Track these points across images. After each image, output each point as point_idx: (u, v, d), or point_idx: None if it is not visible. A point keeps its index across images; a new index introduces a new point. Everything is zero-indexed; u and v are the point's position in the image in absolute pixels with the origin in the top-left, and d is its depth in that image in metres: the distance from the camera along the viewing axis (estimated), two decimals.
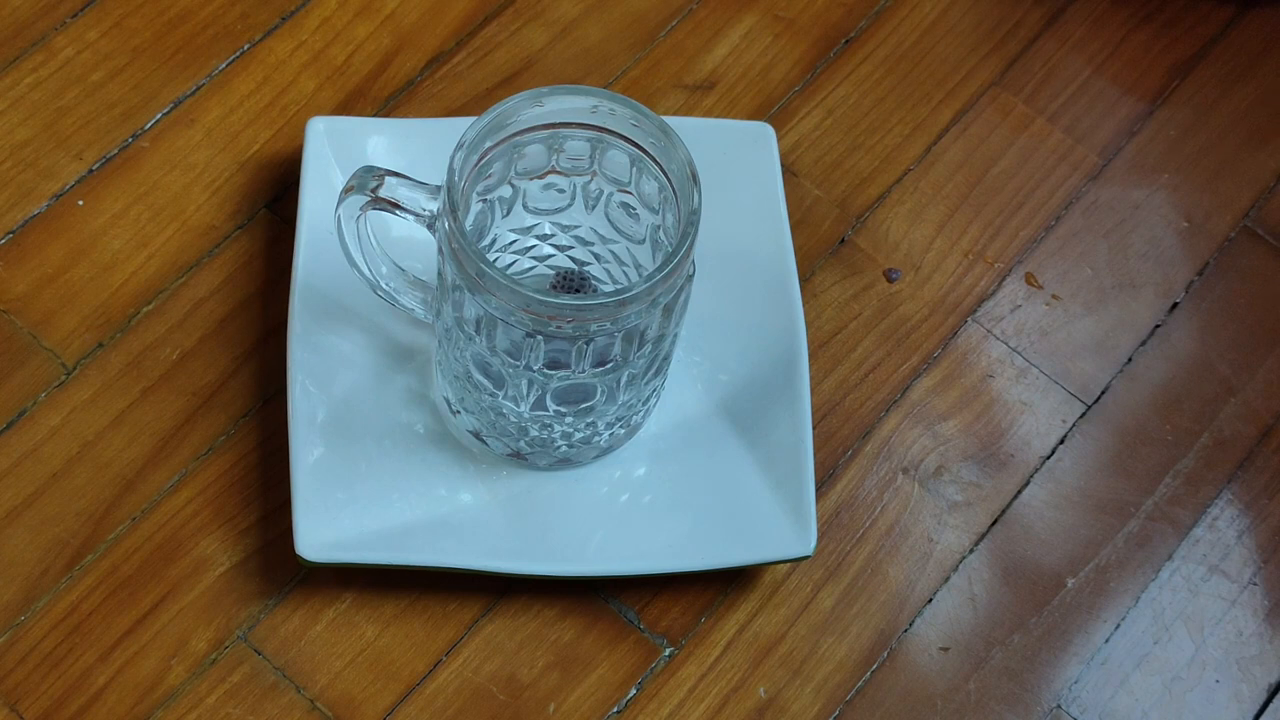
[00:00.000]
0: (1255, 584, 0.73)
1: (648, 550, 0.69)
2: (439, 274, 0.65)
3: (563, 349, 0.64)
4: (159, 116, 0.78)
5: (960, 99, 0.82)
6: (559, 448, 0.69)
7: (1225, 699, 0.71)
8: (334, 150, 0.74)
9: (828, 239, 0.78)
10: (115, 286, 0.74)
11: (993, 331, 0.77)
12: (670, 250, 0.63)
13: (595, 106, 0.65)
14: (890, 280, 0.78)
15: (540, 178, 0.68)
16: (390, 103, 0.79)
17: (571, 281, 0.70)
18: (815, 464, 0.71)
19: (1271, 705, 0.71)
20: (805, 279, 0.77)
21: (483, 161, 0.65)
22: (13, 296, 0.74)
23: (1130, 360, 0.77)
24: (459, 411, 0.70)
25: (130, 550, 0.70)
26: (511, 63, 0.81)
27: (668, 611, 0.70)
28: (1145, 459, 0.75)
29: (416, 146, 0.74)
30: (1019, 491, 0.74)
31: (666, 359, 0.68)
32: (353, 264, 0.68)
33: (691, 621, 0.70)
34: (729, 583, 0.71)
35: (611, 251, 0.70)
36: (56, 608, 0.68)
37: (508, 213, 0.68)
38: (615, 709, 0.69)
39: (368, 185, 0.65)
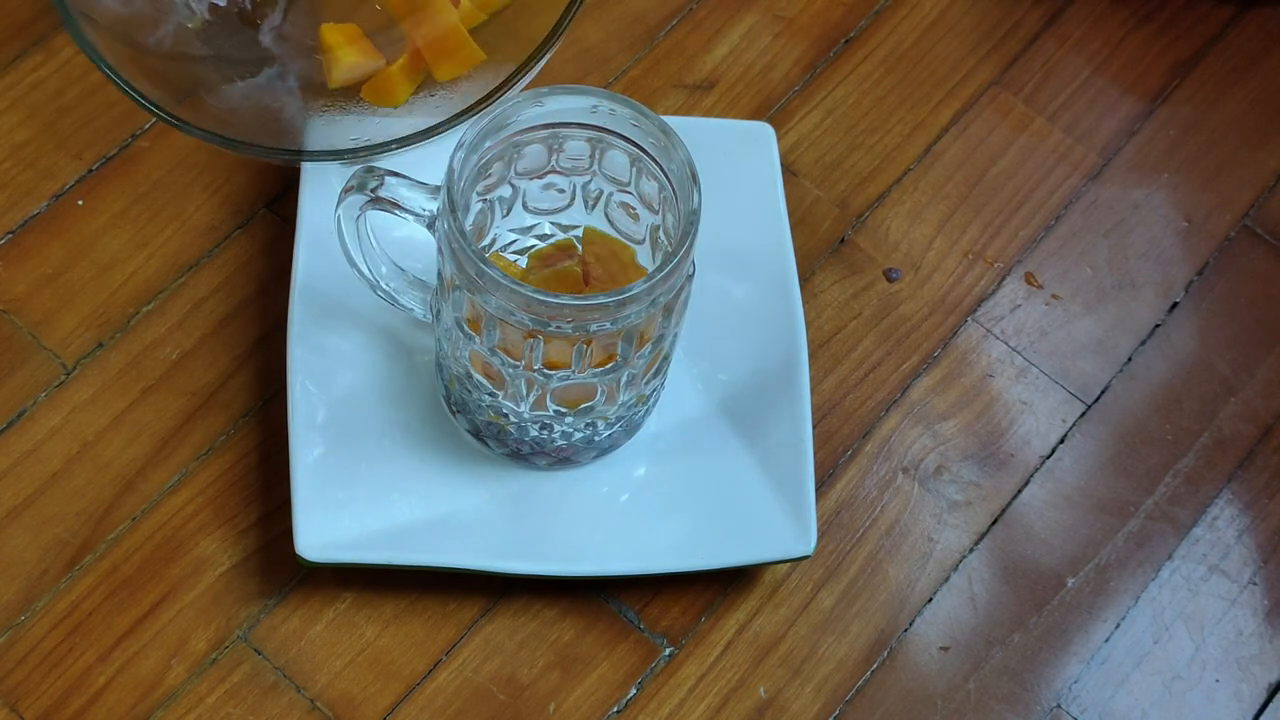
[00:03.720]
0: (1255, 584, 0.73)
1: (648, 550, 0.69)
2: (439, 274, 0.65)
3: (562, 349, 0.64)
4: None
5: (960, 99, 0.82)
6: (559, 447, 0.69)
7: (1225, 699, 0.71)
8: None
9: (828, 239, 0.78)
10: (115, 286, 0.74)
11: (992, 331, 0.77)
12: (670, 250, 0.63)
13: (595, 106, 0.65)
14: (890, 280, 0.78)
15: (540, 177, 0.68)
16: None
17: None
18: (815, 464, 0.71)
19: (1271, 705, 0.71)
20: (805, 279, 0.77)
21: (483, 161, 0.65)
22: (13, 296, 0.74)
23: (1130, 360, 0.77)
24: (459, 411, 0.70)
25: (130, 550, 0.70)
26: None
27: (668, 611, 0.70)
28: (1145, 459, 0.75)
29: (416, 147, 0.74)
30: (1019, 491, 0.74)
31: (666, 359, 0.68)
32: (353, 264, 0.69)
33: (691, 621, 0.70)
34: (729, 583, 0.71)
35: None
36: (56, 608, 0.68)
37: (508, 213, 0.68)
38: (615, 709, 0.69)
39: (368, 185, 0.65)
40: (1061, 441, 0.75)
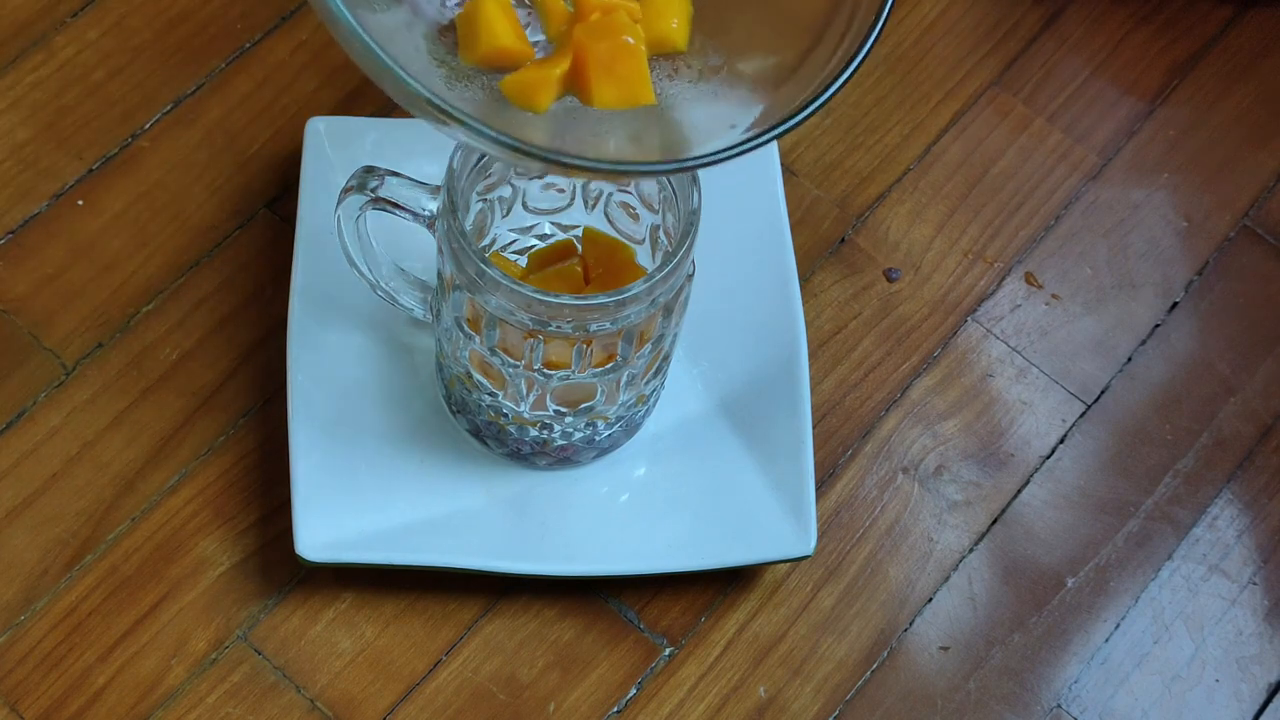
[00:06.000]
0: (1255, 584, 0.73)
1: (648, 550, 0.69)
2: (439, 274, 0.65)
3: (562, 349, 0.64)
4: (159, 116, 0.78)
5: (959, 99, 0.82)
6: (559, 447, 0.69)
7: (1225, 698, 0.71)
8: (334, 150, 0.74)
9: (828, 239, 0.78)
10: (115, 286, 0.74)
11: (992, 331, 0.77)
12: (670, 250, 0.63)
13: None
14: (890, 280, 0.78)
15: (540, 177, 0.68)
16: (390, 102, 0.79)
17: None
18: (815, 464, 0.71)
19: (1271, 705, 0.71)
20: (805, 279, 0.77)
21: (483, 161, 0.65)
22: (13, 296, 0.74)
23: (1130, 360, 0.77)
24: (459, 411, 0.70)
25: (130, 550, 0.70)
26: None
27: (668, 611, 0.70)
28: (1145, 459, 0.75)
29: (416, 146, 0.74)
30: (1019, 491, 0.74)
31: (666, 359, 0.68)
32: (352, 264, 0.68)
33: (691, 621, 0.70)
34: (729, 583, 0.71)
35: None
36: (56, 608, 0.68)
37: (508, 213, 0.68)
38: (615, 709, 0.69)
39: (368, 185, 0.65)
40: (1061, 441, 0.75)
